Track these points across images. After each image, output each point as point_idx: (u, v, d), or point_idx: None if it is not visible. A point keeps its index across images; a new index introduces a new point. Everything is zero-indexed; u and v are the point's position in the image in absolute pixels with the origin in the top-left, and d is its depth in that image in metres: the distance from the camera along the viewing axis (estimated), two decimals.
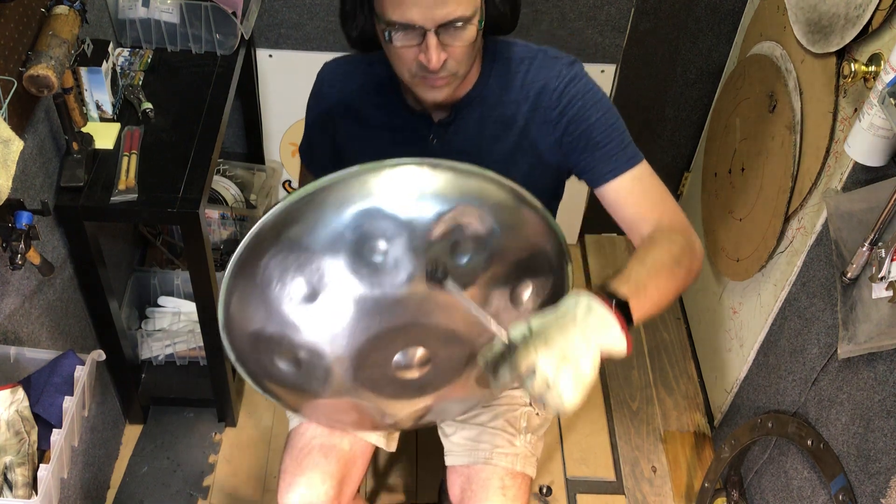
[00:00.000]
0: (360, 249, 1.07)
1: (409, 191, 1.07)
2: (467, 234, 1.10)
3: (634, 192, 1.25)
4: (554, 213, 1.42)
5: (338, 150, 1.41)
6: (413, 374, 1.20)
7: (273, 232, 1.06)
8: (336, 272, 1.08)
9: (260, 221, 1.07)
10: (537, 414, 1.50)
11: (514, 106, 1.29)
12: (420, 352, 1.18)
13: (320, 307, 1.11)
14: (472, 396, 1.37)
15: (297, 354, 1.16)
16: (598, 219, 2.75)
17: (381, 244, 1.07)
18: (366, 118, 1.35)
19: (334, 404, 1.29)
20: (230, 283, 1.10)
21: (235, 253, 1.09)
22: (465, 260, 1.11)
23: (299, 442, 1.44)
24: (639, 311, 1.04)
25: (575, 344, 0.96)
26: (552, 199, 1.44)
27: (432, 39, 1.12)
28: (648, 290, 1.08)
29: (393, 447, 1.54)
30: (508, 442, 1.45)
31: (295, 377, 1.21)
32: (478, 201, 1.09)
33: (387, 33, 1.13)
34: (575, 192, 2.62)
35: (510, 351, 0.98)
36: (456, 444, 1.48)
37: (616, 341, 0.99)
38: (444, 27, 1.11)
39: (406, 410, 1.31)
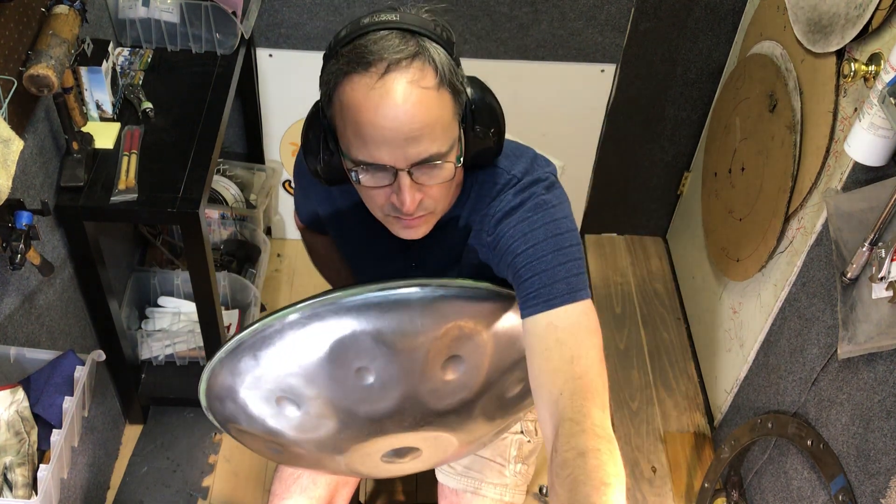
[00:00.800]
0: (347, 372, 1.06)
1: (399, 315, 1.04)
2: (460, 349, 1.09)
3: (544, 341, 1.04)
4: None
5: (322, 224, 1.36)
6: (403, 462, 1.22)
7: (251, 351, 1.05)
8: (321, 392, 1.08)
9: (237, 338, 1.05)
10: (528, 441, 1.48)
11: (474, 226, 1.18)
12: (408, 449, 1.20)
13: (303, 419, 1.11)
14: (462, 455, 1.39)
15: (280, 447, 1.18)
16: (598, 219, 2.75)
17: (370, 368, 1.06)
18: (343, 211, 1.25)
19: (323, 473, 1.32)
20: (207, 391, 1.10)
21: (208, 365, 1.08)
22: (457, 374, 1.11)
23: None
24: None
25: None
26: None
27: (405, 180, 0.98)
28: None
29: None
30: (498, 473, 1.44)
31: (281, 458, 1.24)
32: (469, 317, 1.07)
33: (353, 173, 1.00)
34: (575, 191, 2.63)
35: None
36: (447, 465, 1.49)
37: None
38: (418, 165, 0.98)
39: (395, 474, 1.33)
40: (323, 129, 1.04)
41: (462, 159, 1.04)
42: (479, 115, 1.04)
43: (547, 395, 1.01)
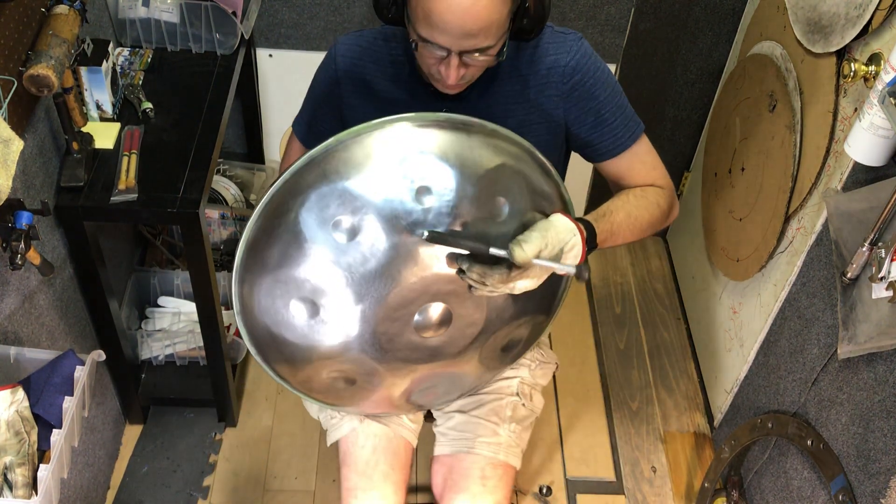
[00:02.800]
0: (406, 186, 1.10)
1: (462, 140, 1.14)
2: (508, 191, 1.17)
3: (633, 166, 1.38)
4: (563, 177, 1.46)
5: (343, 123, 1.41)
6: (431, 336, 1.21)
7: (321, 167, 1.11)
8: (379, 209, 1.10)
9: (308, 155, 1.10)
10: (523, 405, 1.51)
11: (524, 80, 1.32)
12: (440, 318, 1.20)
13: (356, 248, 1.12)
14: (475, 373, 1.38)
15: (313, 301, 1.16)
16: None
17: (430, 189, 1.11)
18: (376, 91, 1.36)
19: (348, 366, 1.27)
20: (266, 212, 1.12)
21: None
22: (503, 212, 1.16)
23: (362, 454, 1.44)
24: (599, 247, 1.26)
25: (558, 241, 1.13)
26: (562, 166, 1.49)
27: (454, 60, 1.16)
28: (616, 238, 1.29)
29: (415, 443, 1.56)
30: (492, 431, 1.46)
31: (309, 327, 1.19)
32: (514, 159, 1.19)
33: (414, 43, 1.18)
34: (575, 191, 2.63)
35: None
36: (443, 434, 1.50)
37: (572, 261, 1.15)
38: (468, 52, 1.16)
39: (413, 376, 1.30)
40: None
41: (505, 51, 1.20)
42: (530, 10, 1.19)
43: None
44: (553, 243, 1.11)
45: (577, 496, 2.12)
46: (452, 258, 1.12)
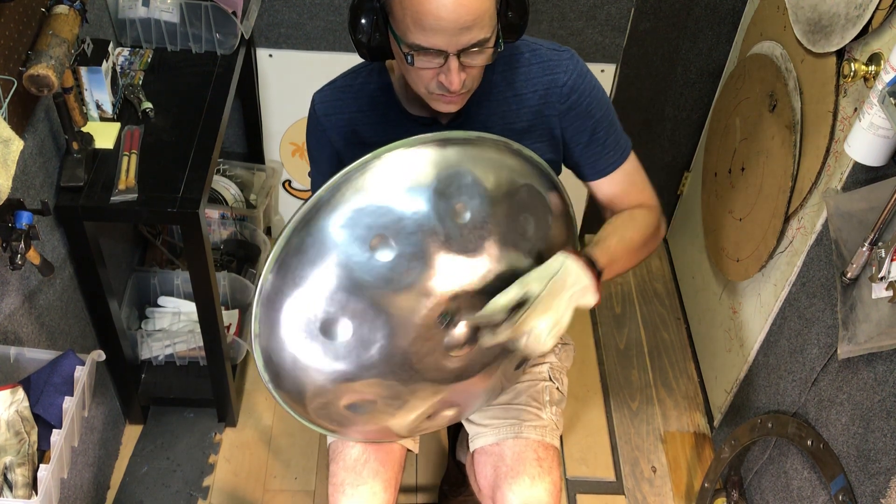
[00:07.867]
0: (448, 206, 1.14)
1: (495, 161, 1.18)
2: (530, 208, 1.23)
3: (624, 185, 1.39)
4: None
5: None
6: (457, 351, 1.22)
7: (356, 182, 1.11)
8: (420, 227, 1.13)
9: (343, 172, 1.11)
10: (557, 388, 1.53)
11: (519, 100, 1.30)
12: (464, 329, 1.21)
13: (397, 263, 1.12)
14: (494, 387, 1.39)
15: (345, 321, 1.16)
16: (598, 219, 2.74)
17: (467, 206, 1.14)
18: (369, 138, 1.33)
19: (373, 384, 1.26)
20: (298, 229, 1.12)
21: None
22: (530, 233, 1.21)
23: (352, 452, 1.43)
24: (606, 278, 1.25)
25: (563, 308, 1.16)
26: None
27: (454, 63, 1.13)
28: (618, 265, 1.29)
29: (416, 449, 1.56)
30: (535, 415, 1.47)
31: (339, 347, 1.18)
32: (535, 181, 1.24)
33: (408, 56, 1.13)
34: (575, 191, 2.63)
35: (511, 315, 1.15)
36: (482, 425, 1.49)
37: (591, 300, 1.20)
38: (465, 50, 1.13)
39: (433, 398, 1.30)
40: (376, 12, 1.15)
41: (502, 44, 1.17)
42: (513, 2, 1.17)
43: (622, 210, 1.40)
44: (537, 280, 1.16)
45: (577, 496, 2.12)
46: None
